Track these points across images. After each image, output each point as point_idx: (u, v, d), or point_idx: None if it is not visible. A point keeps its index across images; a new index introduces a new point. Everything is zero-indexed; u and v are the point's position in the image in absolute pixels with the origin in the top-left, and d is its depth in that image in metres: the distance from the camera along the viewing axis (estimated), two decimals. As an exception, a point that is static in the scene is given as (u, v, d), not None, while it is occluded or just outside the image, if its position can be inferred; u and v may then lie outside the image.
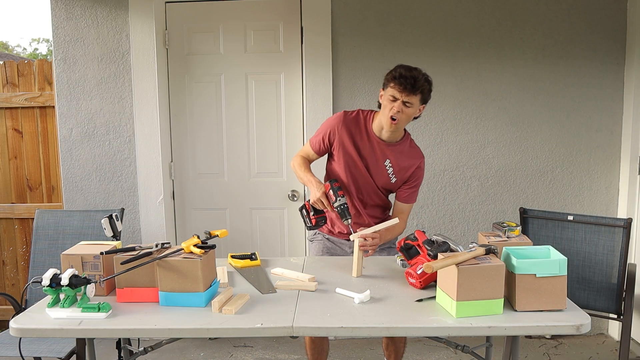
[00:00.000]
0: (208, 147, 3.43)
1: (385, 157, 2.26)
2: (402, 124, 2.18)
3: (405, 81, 2.07)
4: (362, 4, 3.18)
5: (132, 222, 3.36)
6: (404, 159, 2.27)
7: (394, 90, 2.10)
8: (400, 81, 2.08)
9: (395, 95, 2.10)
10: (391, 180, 2.28)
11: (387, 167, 2.27)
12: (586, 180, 3.28)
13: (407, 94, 2.09)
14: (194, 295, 1.76)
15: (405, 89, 2.08)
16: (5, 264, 3.62)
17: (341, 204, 2.15)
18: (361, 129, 2.27)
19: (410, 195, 2.33)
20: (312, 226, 2.25)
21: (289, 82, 3.32)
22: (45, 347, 2.35)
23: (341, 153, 2.28)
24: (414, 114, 2.17)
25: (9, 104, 3.45)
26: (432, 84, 2.16)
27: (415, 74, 2.10)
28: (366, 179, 2.29)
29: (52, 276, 1.73)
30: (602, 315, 2.52)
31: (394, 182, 2.29)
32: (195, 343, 3.32)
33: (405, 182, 2.30)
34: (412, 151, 2.31)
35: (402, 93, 2.09)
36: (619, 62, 3.18)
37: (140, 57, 3.24)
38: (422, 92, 2.11)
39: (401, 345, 2.50)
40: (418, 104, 2.14)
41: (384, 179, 2.29)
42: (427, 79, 2.13)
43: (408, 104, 2.11)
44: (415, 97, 2.10)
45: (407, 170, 2.28)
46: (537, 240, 2.67)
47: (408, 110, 2.12)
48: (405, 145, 2.30)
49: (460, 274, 1.63)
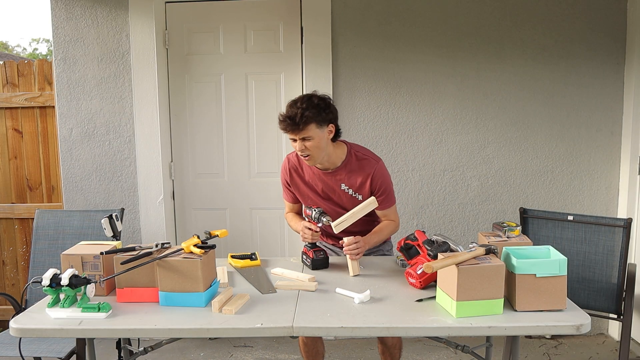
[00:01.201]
0: (208, 147, 3.43)
1: (338, 183, 2.23)
2: (317, 156, 2.14)
3: (286, 124, 2.07)
4: (362, 4, 3.18)
5: (132, 222, 3.36)
6: (355, 177, 2.21)
7: (286, 133, 2.11)
8: (283, 125, 2.08)
9: (291, 137, 2.12)
10: (358, 199, 2.22)
11: (346, 190, 2.23)
12: (586, 180, 3.28)
13: (296, 133, 2.07)
14: (194, 295, 1.76)
15: (290, 130, 2.07)
16: (5, 264, 3.62)
17: (317, 212, 2.17)
18: (303, 169, 2.30)
19: (385, 201, 2.24)
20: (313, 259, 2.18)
21: (289, 82, 3.32)
22: (45, 347, 2.35)
23: (301, 194, 2.32)
24: (321, 140, 2.11)
25: (9, 104, 3.45)
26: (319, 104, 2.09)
27: (292, 111, 2.06)
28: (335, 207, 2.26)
29: (52, 276, 1.73)
30: (602, 315, 2.52)
31: (361, 199, 2.21)
32: (195, 343, 3.32)
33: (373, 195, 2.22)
34: (361, 165, 2.22)
35: (292, 133, 2.09)
36: (619, 62, 3.18)
37: (140, 57, 3.24)
38: (309, 122, 2.05)
39: (396, 352, 2.44)
40: (317, 131, 2.09)
41: (351, 200, 2.24)
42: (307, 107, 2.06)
43: (306, 139, 2.09)
44: (305, 130, 2.06)
45: (364, 184, 2.21)
46: (537, 240, 2.67)
47: (311, 142, 2.09)
48: (352, 163, 2.23)
49: (460, 274, 1.63)
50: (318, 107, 2.08)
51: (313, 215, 2.19)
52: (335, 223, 2.13)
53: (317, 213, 2.17)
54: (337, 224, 2.13)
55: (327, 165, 2.22)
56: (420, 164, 3.29)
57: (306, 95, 2.14)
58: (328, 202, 2.28)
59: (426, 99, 3.24)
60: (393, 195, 2.31)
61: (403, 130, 3.25)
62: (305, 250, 2.23)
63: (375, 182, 2.21)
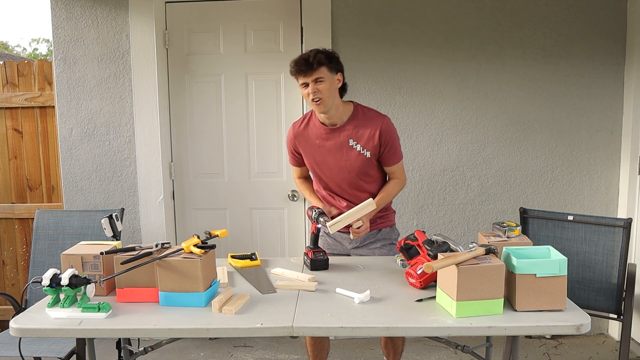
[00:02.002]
0: (208, 147, 3.43)
1: (346, 139, 2.28)
2: (328, 100, 2.21)
3: (298, 66, 2.19)
4: (362, 4, 3.18)
5: (132, 222, 3.36)
6: (363, 130, 2.27)
7: (299, 78, 2.22)
8: (296, 68, 2.20)
9: (303, 82, 2.21)
10: (366, 156, 2.27)
11: (354, 146, 2.28)
12: (586, 180, 3.28)
13: (309, 74, 2.18)
14: (194, 295, 1.76)
15: (302, 70, 2.18)
16: (5, 264, 3.62)
17: (316, 213, 2.26)
18: (310, 127, 2.36)
19: (393, 156, 2.32)
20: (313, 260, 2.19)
21: (289, 82, 3.32)
22: (45, 347, 2.35)
23: (310, 158, 2.38)
24: (332, 85, 2.22)
25: (9, 104, 3.45)
26: (329, 52, 2.23)
27: (305, 55, 2.21)
28: (341, 170, 2.31)
29: (52, 276, 1.73)
30: (602, 315, 2.52)
31: (369, 157, 2.27)
32: (195, 343, 3.32)
33: (380, 151, 2.28)
34: (369, 118, 2.29)
35: (305, 76, 2.19)
36: (619, 62, 3.18)
37: (140, 57, 3.24)
38: (321, 64, 2.18)
39: (399, 343, 2.52)
40: (329, 74, 2.20)
41: (359, 159, 2.28)
42: (320, 51, 2.21)
43: (319, 80, 2.18)
44: (318, 71, 2.17)
45: (372, 137, 2.25)
46: (537, 240, 2.67)
47: (323, 85, 2.19)
48: (359, 117, 2.30)
49: (460, 274, 1.63)
50: (328, 55, 2.22)
51: (313, 216, 2.25)
52: (331, 223, 2.16)
53: (316, 214, 2.25)
54: (332, 224, 2.16)
55: (335, 119, 2.28)
56: (420, 164, 3.29)
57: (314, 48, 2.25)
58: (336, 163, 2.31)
59: (426, 99, 3.24)
60: (400, 151, 2.37)
61: (403, 130, 3.24)
62: (306, 250, 2.25)
63: (383, 136, 2.25)
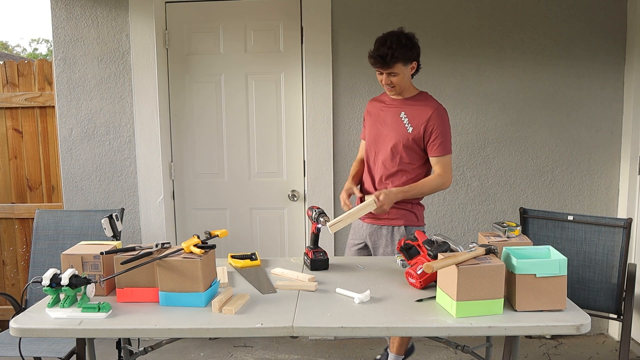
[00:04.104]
0: (208, 147, 3.43)
1: (400, 110, 2.39)
2: (400, 86, 2.34)
3: (376, 61, 2.26)
4: (362, 4, 3.18)
5: (132, 222, 3.36)
6: (417, 108, 2.37)
7: (374, 67, 2.30)
8: (374, 61, 2.27)
9: (379, 70, 2.32)
10: (408, 130, 2.35)
11: (403, 118, 2.38)
12: (586, 180, 3.28)
13: (385, 69, 2.27)
14: (194, 295, 1.76)
15: (380, 66, 2.27)
16: (5, 264, 3.62)
17: (316, 212, 2.28)
18: (380, 98, 2.51)
19: (440, 146, 2.35)
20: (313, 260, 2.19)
21: (289, 82, 3.32)
22: (45, 347, 2.35)
23: (369, 126, 2.51)
24: (405, 75, 2.31)
25: (9, 104, 3.45)
26: (408, 44, 2.26)
27: (383, 51, 2.23)
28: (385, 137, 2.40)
29: (52, 276, 1.73)
30: (602, 315, 2.52)
31: (411, 132, 2.35)
32: (195, 343, 3.32)
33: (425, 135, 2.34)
34: (426, 101, 2.39)
35: (381, 69, 2.29)
36: (619, 62, 3.18)
37: (140, 57, 3.24)
38: (398, 60, 2.24)
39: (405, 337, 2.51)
40: (403, 67, 2.28)
41: (401, 130, 2.36)
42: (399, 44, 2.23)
43: (393, 74, 2.29)
44: (393, 67, 2.25)
45: (420, 116, 2.34)
46: (537, 240, 2.67)
47: (397, 77, 2.30)
48: (419, 98, 2.41)
49: (460, 274, 1.63)
50: (405, 47, 2.25)
51: (313, 216, 2.26)
52: (330, 223, 2.18)
53: (316, 214, 2.25)
54: (332, 224, 2.17)
55: (399, 95, 2.41)
56: (420, 164, 3.29)
57: (394, 34, 2.27)
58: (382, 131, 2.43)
59: (426, 99, 3.24)
60: (449, 145, 2.39)
61: (403, 130, 3.24)
62: (306, 250, 2.25)
63: (431, 122, 2.33)
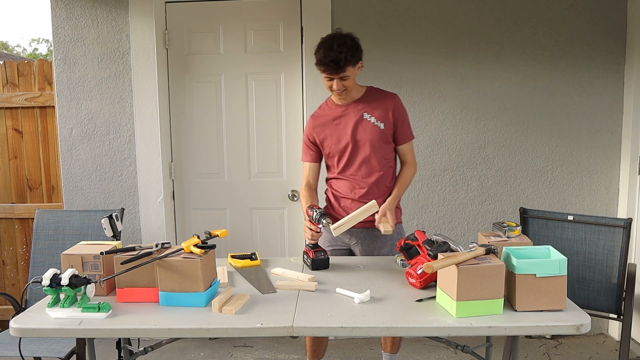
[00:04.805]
0: (208, 147, 3.43)
1: (361, 113, 2.33)
2: (351, 89, 2.30)
3: (328, 67, 2.19)
4: (362, 4, 3.18)
5: (132, 222, 3.36)
6: (377, 103, 2.34)
7: (325, 74, 2.23)
8: (325, 68, 2.20)
9: (329, 77, 2.24)
10: (380, 128, 2.32)
11: (368, 118, 2.33)
12: (586, 180, 3.28)
13: (337, 74, 2.21)
14: (194, 295, 1.76)
15: (332, 71, 2.20)
16: (5, 264, 3.62)
17: (317, 213, 2.21)
18: (327, 111, 2.41)
19: (406, 134, 2.38)
20: (313, 259, 2.18)
21: (289, 82, 3.32)
22: (45, 347, 2.35)
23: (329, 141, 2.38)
24: (353, 77, 2.28)
25: (9, 104, 3.45)
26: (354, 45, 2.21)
27: (333, 55, 2.16)
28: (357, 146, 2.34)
29: (52, 276, 1.73)
30: (602, 315, 2.52)
31: (383, 129, 2.32)
32: (195, 343, 3.32)
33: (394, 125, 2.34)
34: (381, 94, 2.37)
35: (334, 74, 2.21)
36: (619, 61, 3.18)
37: (140, 57, 3.24)
38: (349, 63, 2.19)
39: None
40: (352, 69, 2.24)
41: (374, 131, 2.32)
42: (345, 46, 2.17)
43: (344, 77, 2.23)
44: (345, 70, 2.20)
45: (387, 110, 2.32)
46: (537, 240, 2.67)
47: (348, 80, 2.25)
48: (372, 95, 2.37)
49: (460, 274, 1.63)
50: (353, 48, 2.22)
51: (314, 216, 2.20)
52: (334, 226, 2.14)
53: (317, 214, 2.19)
54: (335, 227, 2.14)
55: (349, 99, 2.36)
56: (420, 164, 3.28)
57: (337, 36, 2.23)
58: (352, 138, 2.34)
59: (426, 99, 3.24)
60: (411, 131, 2.42)
61: (403, 130, 3.24)
62: (306, 250, 2.24)
63: (396, 112, 2.33)
